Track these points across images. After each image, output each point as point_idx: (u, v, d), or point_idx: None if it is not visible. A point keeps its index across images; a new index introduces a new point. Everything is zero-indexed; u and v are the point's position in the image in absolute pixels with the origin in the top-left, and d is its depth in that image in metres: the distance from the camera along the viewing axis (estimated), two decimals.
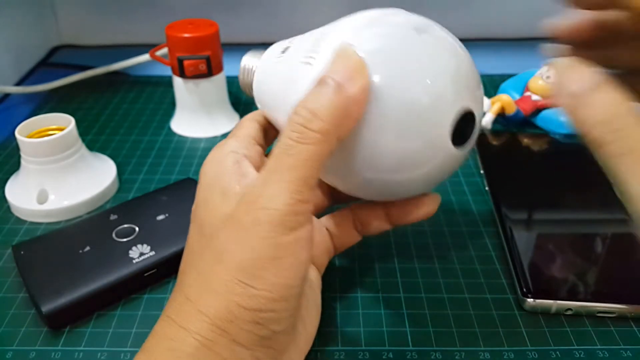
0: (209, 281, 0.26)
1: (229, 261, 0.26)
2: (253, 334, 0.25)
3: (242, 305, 0.25)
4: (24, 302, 0.37)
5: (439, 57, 0.28)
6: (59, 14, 0.77)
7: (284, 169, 0.25)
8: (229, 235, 0.26)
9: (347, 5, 0.76)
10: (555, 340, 0.33)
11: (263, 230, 0.25)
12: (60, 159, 0.43)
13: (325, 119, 0.25)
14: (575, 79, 0.25)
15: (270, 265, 0.25)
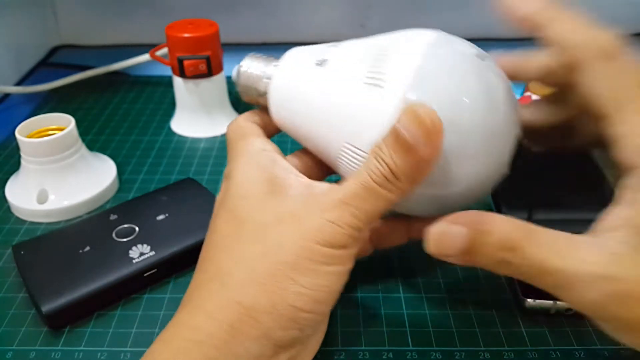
0: (253, 271, 0.26)
1: (281, 255, 0.26)
2: (286, 333, 0.26)
3: (287, 300, 0.26)
4: (24, 302, 0.37)
5: (503, 83, 0.30)
6: (59, 14, 0.77)
7: (360, 199, 0.27)
8: (283, 232, 0.27)
9: (347, 6, 0.76)
10: (555, 340, 0.33)
11: (323, 239, 0.26)
12: (60, 159, 0.43)
13: (403, 179, 0.27)
14: (450, 240, 0.26)
15: (320, 268, 0.26)
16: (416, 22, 0.77)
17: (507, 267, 0.26)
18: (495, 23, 0.81)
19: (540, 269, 0.25)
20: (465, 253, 0.26)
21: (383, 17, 0.77)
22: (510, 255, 0.25)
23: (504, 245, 0.25)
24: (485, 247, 0.26)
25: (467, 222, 0.26)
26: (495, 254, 0.26)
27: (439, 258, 0.27)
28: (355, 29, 0.78)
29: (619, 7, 0.77)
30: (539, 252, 0.25)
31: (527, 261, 0.25)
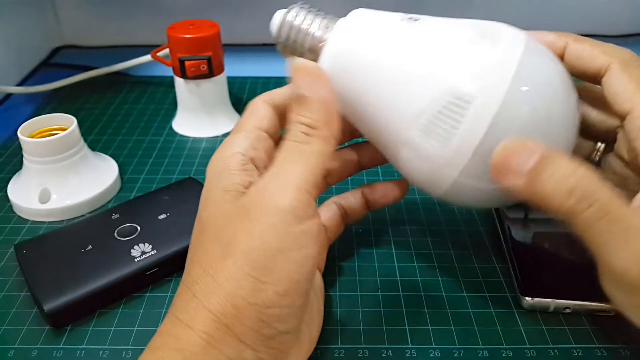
0: (215, 276, 0.26)
1: (237, 253, 0.26)
2: (258, 333, 0.26)
3: (248, 300, 0.25)
4: (26, 301, 0.37)
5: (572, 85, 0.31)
6: (61, 15, 0.77)
7: (291, 161, 0.27)
8: (237, 227, 0.26)
9: (346, 7, 0.76)
10: (553, 339, 0.34)
11: (272, 218, 0.26)
12: (63, 158, 0.44)
13: (319, 125, 0.28)
14: (523, 156, 0.26)
15: (278, 256, 0.25)
16: None
17: (572, 201, 0.25)
18: None
19: (609, 213, 0.24)
20: (533, 174, 0.25)
21: None
22: (582, 188, 0.25)
23: (578, 175, 0.25)
24: (557, 172, 0.25)
25: (540, 146, 0.26)
26: (565, 182, 0.25)
27: (498, 178, 0.26)
28: None
29: (619, 7, 0.77)
30: (611, 196, 0.25)
31: (599, 199, 0.24)
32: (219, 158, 0.30)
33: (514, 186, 0.26)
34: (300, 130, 0.28)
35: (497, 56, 0.28)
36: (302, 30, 0.31)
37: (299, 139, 0.28)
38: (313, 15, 0.32)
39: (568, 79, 0.30)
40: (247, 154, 0.30)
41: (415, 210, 0.45)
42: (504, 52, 0.28)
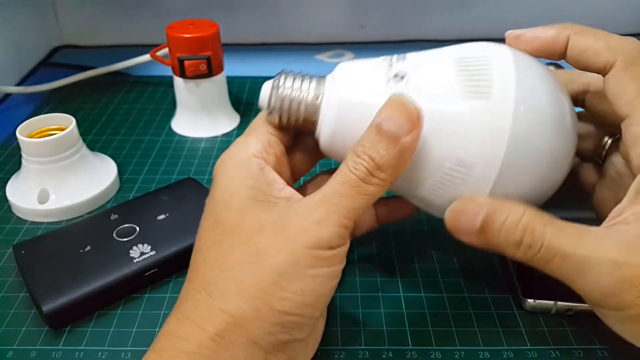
0: (237, 279, 0.26)
1: (266, 262, 0.26)
2: (274, 337, 0.26)
3: (272, 305, 0.26)
4: (24, 301, 0.37)
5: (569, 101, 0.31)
6: (60, 14, 0.77)
7: (343, 196, 0.27)
8: (268, 239, 0.27)
9: (346, 6, 0.76)
10: (554, 340, 0.34)
11: (308, 240, 0.26)
12: (61, 158, 0.43)
13: (387, 168, 0.27)
14: (470, 216, 0.28)
15: (308, 272, 0.26)
16: (415, 22, 0.77)
17: (522, 250, 0.27)
18: (494, 23, 0.81)
19: (557, 252, 0.26)
20: (482, 232, 0.27)
21: (382, 18, 0.77)
22: (527, 236, 0.26)
23: (520, 225, 0.26)
24: (503, 226, 0.27)
25: (485, 202, 0.27)
26: (511, 234, 0.26)
27: (455, 236, 0.28)
28: (354, 30, 0.78)
29: (619, 7, 0.77)
30: (556, 236, 0.26)
31: (543, 242, 0.26)
32: (232, 159, 0.30)
33: (469, 242, 0.28)
34: (366, 165, 0.27)
35: (490, 116, 0.28)
36: (294, 99, 0.30)
37: (360, 175, 0.27)
38: (300, 80, 0.31)
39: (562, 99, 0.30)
40: (261, 157, 0.30)
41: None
42: (497, 108, 0.28)
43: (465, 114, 0.28)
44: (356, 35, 0.78)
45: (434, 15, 0.77)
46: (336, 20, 0.77)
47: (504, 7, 0.76)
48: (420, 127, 0.27)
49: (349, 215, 0.27)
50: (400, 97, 0.27)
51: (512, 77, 0.28)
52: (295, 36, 0.78)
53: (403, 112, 0.27)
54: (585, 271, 0.26)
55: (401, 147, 0.27)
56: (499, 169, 0.28)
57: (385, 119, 0.27)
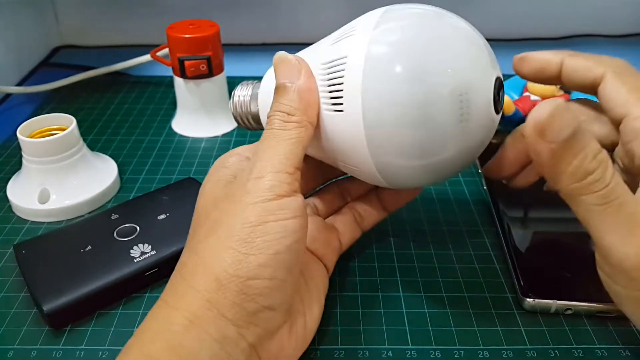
0: (200, 255, 0.27)
1: (220, 231, 0.27)
2: (240, 307, 0.26)
3: (229, 272, 0.26)
4: (25, 301, 0.37)
5: (463, 30, 0.30)
6: (60, 15, 0.77)
7: (269, 147, 0.29)
8: (221, 210, 0.28)
9: (346, 6, 0.76)
10: (554, 340, 0.34)
11: (252, 196, 0.27)
12: (62, 158, 0.43)
13: (295, 112, 0.30)
14: (559, 125, 0.25)
15: (257, 229, 0.27)
16: None
17: (585, 183, 0.25)
18: (494, 23, 0.81)
19: (616, 198, 0.25)
20: (565, 144, 0.25)
21: None
22: (600, 170, 0.25)
23: (600, 158, 0.25)
24: (584, 148, 0.25)
25: (575, 118, 0.25)
26: (587, 162, 0.25)
27: (531, 139, 0.26)
28: None
29: (619, 7, 0.77)
30: (621, 184, 0.26)
31: (609, 182, 0.25)
32: (218, 160, 0.33)
33: (537, 154, 0.26)
34: (278, 117, 0.30)
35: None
36: (244, 102, 0.36)
37: (276, 126, 0.30)
38: (249, 85, 0.37)
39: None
40: (243, 154, 0.33)
41: (415, 210, 0.45)
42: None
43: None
44: None
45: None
46: (336, 21, 0.77)
47: (504, 7, 0.76)
48: (305, 67, 0.31)
49: (282, 160, 0.28)
50: (278, 55, 0.31)
51: (368, 35, 0.29)
52: (295, 36, 0.78)
53: (285, 64, 0.31)
54: (633, 231, 0.25)
55: (297, 90, 0.30)
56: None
57: (277, 79, 0.31)
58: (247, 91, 0.36)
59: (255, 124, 0.37)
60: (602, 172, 0.25)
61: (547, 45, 0.78)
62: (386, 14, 0.30)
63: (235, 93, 0.37)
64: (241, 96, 0.36)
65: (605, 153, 0.26)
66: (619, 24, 0.78)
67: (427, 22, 0.29)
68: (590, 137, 0.26)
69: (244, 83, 0.37)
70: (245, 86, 0.37)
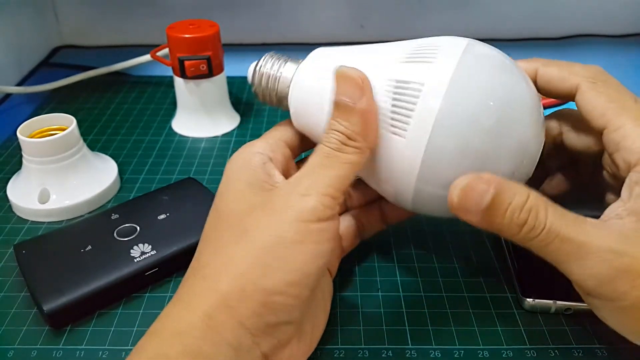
0: (226, 259, 0.27)
1: (252, 240, 0.27)
2: (260, 318, 0.26)
3: (256, 283, 0.26)
4: (25, 301, 0.37)
5: (529, 90, 0.31)
6: (60, 15, 0.77)
7: (323, 166, 0.28)
8: (256, 218, 0.28)
9: (346, 7, 0.76)
10: (553, 339, 0.34)
11: (293, 214, 0.27)
12: (62, 158, 0.43)
13: (356, 137, 0.29)
14: (477, 195, 0.27)
15: (292, 248, 0.26)
16: (415, 22, 0.77)
17: (524, 231, 0.27)
18: (493, 24, 0.81)
19: (557, 235, 0.26)
20: (487, 211, 0.27)
21: (382, 18, 0.77)
22: (531, 218, 0.26)
23: (526, 207, 0.26)
24: (509, 207, 0.26)
25: (492, 181, 0.27)
26: (516, 216, 0.26)
27: (458, 214, 0.27)
28: (354, 30, 0.78)
29: (619, 7, 0.77)
30: (558, 220, 0.26)
31: (545, 225, 0.26)
32: (238, 157, 0.32)
33: (470, 221, 0.28)
34: (337, 138, 0.29)
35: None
36: (271, 78, 0.34)
37: (334, 146, 0.29)
38: (280, 61, 0.34)
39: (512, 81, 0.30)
40: (265, 154, 0.32)
41: None
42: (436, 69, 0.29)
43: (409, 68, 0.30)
44: (356, 35, 0.78)
45: (434, 16, 0.77)
46: (336, 20, 0.78)
47: (504, 7, 0.76)
48: (368, 88, 0.29)
49: (331, 184, 0.28)
50: (341, 70, 0.30)
51: (450, 70, 0.29)
52: (295, 36, 0.78)
53: (348, 82, 0.29)
54: (582, 257, 0.26)
55: (359, 112, 0.29)
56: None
57: (338, 94, 0.29)
58: (277, 67, 0.34)
59: (277, 103, 0.35)
60: (534, 219, 0.26)
61: (547, 45, 0.78)
62: (470, 48, 0.30)
63: (260, 65, 0.34)
64: (270, 71, 0.34)
65: (533, 198, 0.27)
66: (619, 24, 0.78)
67: (509, 77, 0.30)
68: (513, 192, 0.27)
69: (272, 56, 0.34)
70: (273, 60, 0.34)
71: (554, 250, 0.27)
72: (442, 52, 0.30)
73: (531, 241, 0.27)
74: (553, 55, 0.69)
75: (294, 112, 0.34)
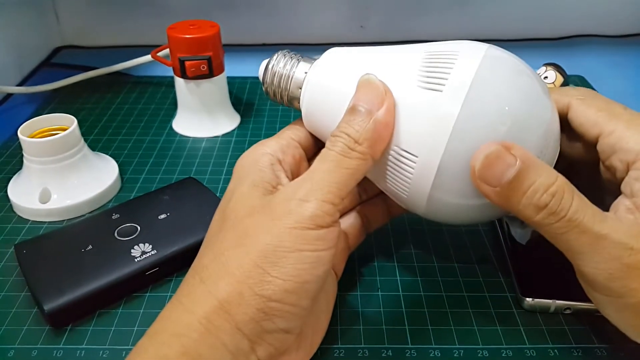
0: (225, 263, 0.27)
1: (251, 245, 0.27)
2: (257, 324, 0.26)
3: (254, 290, 0.26)
4: (26, 301, 0.37)
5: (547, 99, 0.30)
6: (61, 15, 0.77)
7: (324, 172, 0.28)
8: (256, 222, 0.27)
9: (346, 7, 0.76)
10: (553, 339, 0.34)
11: (292, 220, 0.26)
12: (63, 158, 0.44)
13: (363, 142, 0.28)
14: (501, 166, 0.26)
15: (291, 255, 0.26)
16: (415, 23, 0.77)
17: (542, 214, 0.26)
18: (493, 24, 0.81)
19: (577, 225, 0.26)
20: (508, 186, 0.26)
21: (382, 18, 0.77)
22: (554, 201, 0.26)
23: (551, 190, 0.26)
24: (533, 185, 0.26)
25: (521, 155, 0.26)
26: (538, 197, 0.26)
27: (476, 184, 0.27)
28: (354, 30, 0.78)
29: (619, 7, 0.77)
30: (580, 208, 0.26)
31: (567, 212, 0.26)
32: (247, 156, 0.32)
33: (486, 194, 0.27)
34: (343, 141, 0.28)
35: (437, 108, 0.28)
36: (284, 76, 0.33)
37: (339, 150, 0.28)
38: (293, 60, 0.34)
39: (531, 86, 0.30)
40: (275, 155, 0.32)
41: None
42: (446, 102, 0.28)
43: (415, 104, 0.29)
44: (356, 36, 0.78)
45: (434, 16, 0.77)
46: (336, 21, 0.78)
47: (504, 7, 0.76)
48: (389, 100, 0.29)
49: (332, 190, 0.27)
50: (367, 77, 0.29)
51: (470, 76, 0.28)
52: (295, 37, 0.79)
53: (371, 90, 0.29)
54: (599, 249, 0.26)
55: (374, 121, 0.28)
56: (439, 161, 0.28)
57: (357, 99, 0.29)
58: (289, 66, 0.33)
59: (289, 103, 0.34)
60: (557, 203, 0.26)
61: (547, 45, 0.78)
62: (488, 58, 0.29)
63: (272, 63, 0.34)
64: (282, 69, 0.33)
65: (561, 182, 0.26)
66: (619, 24, 0.78)
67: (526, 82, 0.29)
68: (541, 171, 0.26)
69: (284, 54, 0.34)
70: (286, 59, 0.34)
71: (570, 239, 0.26)
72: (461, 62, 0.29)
73: (547, 226, 0.26)
74: (553, 56, 0.69)
75: (306, 112, 0.33)
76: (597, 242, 0.26)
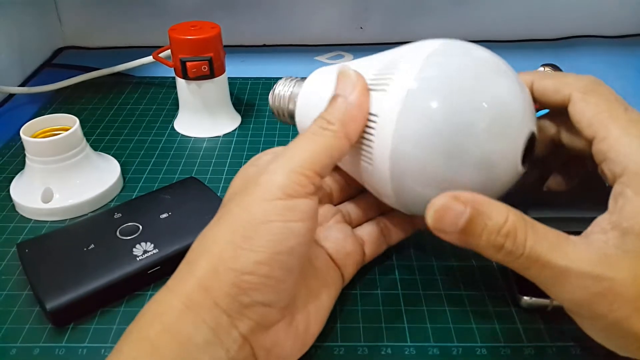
0: (204, 243, 0.28)
1: (226, 221, 0.28)
2: (233, 299, 0.26)
3: (227, 264, 0.26)
4: (28, 299, 0.37)
5: (510, 82, 0.31)
6: (63, 16, 0.77)
7: (295, 147, 0.29)
8: (234, 201, 0.29)
9: (346, 8, 0.76)
10: (551, 337, 0.34)
11: (262, 192, 0.28)
12: (65, 158, 0.44)
13: (335, 121, 0.30)
14: (453, 216, 0.27)
15: (261, 227, 0.27)
16: (414, 23, 0.77)
17: (502, 254, 0.26)
18: (492, 24, 0.82)
19: (536, 260, 0.26)
20: (463, 232, 0.26)
21: (381, 19, 0.78)
22: (509, 242, 0.26)
23: (503, 231, 0.26)
24: (485, 229, 0.26)
25: (470, 201, 0.26)
26: (493, 238, 0.26)
27: (435, 233, 0.27)
28: (353, 31, 0.78)
29: (619, 7, 0.77)
30: (536, 244, 0.26)
31: (524, 250, 0.26)
32: (252, 158, 0.34)
33: (449, 241, 0.27)
34: (318, 123, 0.30)
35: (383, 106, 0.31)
36: (283, 97, 0.38)
37: (312, 130, 0.30)
38: (292, 82, 0.39)
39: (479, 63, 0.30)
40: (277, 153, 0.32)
41: None
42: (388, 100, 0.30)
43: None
44: (355, 37, 0.78)
45: (433, 17, 0.77)
46: (336, 22, 0.78)
47: (502, 8, 0.76)
48: (361, 84, 0.31)
49: (302, 163, 0.28)
50: (341, 69, 0.32)
51: (409, 74, 0.30)
52: (295, 38, 0.79)
53: (344, 78, 0.31)
54: (562, 282, 0.26)
55: (345, 102, 0.30)
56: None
57: (335, 90, 0.32)
58: (287, 87, 0.38)
59: (290, 120, 0.39)
60: (512, 243, 0.26)
61: (546, 46, 0.78)
62: (438, 53, 0.31)
63: (276, 87, 0.39)
64: (281, 92, 0.38)
65: (512, 220, 0.26)
66: (619, 24, 0.78)
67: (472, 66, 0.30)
68: (490, 214, 0.26)
69: (287, 79, 0.39)
70: (287, 82, 0.39)
71: (533, 274, 0.27)
72: (397, 77, 0.31)
73: (511, 263, 0.27)
74: (552, 56, 0.69)
75: (298, 122, 0.38)
76: (561, 275, 0.26)
